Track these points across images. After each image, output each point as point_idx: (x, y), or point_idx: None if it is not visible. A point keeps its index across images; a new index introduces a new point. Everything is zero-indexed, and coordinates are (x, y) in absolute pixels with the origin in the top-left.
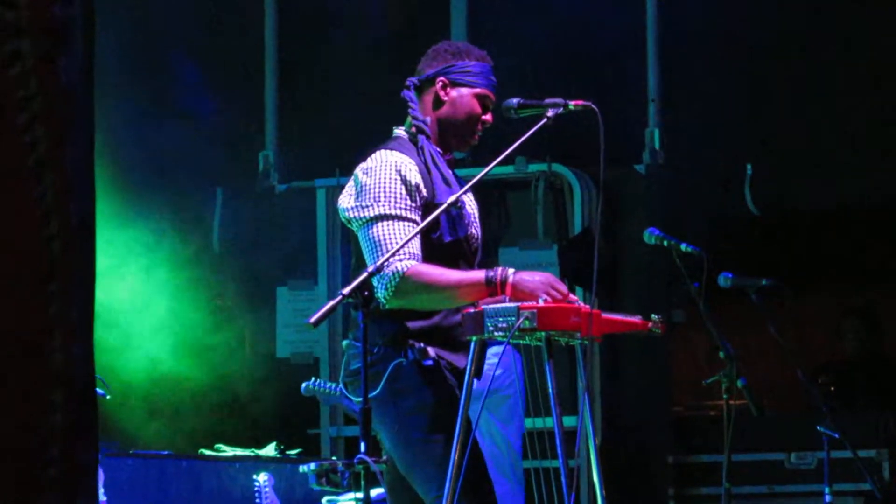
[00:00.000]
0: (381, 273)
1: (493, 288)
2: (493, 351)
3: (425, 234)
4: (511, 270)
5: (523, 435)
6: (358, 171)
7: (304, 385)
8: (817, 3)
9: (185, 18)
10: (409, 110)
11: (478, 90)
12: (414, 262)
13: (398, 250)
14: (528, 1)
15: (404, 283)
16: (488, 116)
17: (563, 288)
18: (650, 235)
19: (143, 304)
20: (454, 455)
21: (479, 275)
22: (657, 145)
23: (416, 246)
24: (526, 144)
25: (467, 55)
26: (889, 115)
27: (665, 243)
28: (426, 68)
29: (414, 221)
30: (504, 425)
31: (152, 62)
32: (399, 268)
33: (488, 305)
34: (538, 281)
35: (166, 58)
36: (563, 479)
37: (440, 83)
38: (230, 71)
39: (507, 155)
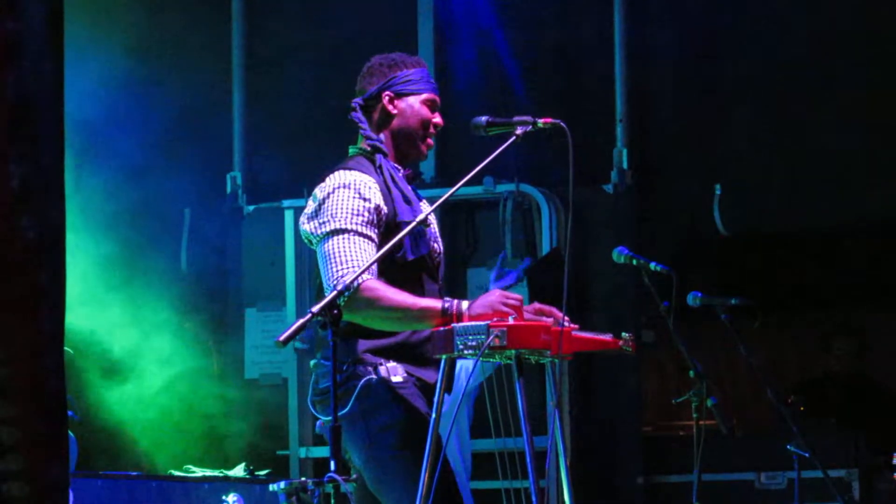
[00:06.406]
0: (334, 287)
1: (449, 319)
2: (460, 363)
3: (388, 254)
4: (465, 304)
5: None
6: (317, 190)
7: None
8: (785, 27)
9: (153, 38)
10: (361, 131)
11: (424, 95)
12: (369, 276)
13: (366, 270)
14: (496, 19)
15: (356, 296)
16: (438, 119)
17: (515, 299)
18: (619, 255)
19: (110, 326)
20: (425, 471)
21: (435, 304)
22: (625, 165)
23: (373, 266)
24: (493, 164)
25: (404, 65)
26: (859, 137)
27: (634, 262)
28: (367, 86)
29: (369, 238)
30: (458, 440)
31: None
32: (354, 281)
33: (458, 324)
34: (491, 301)
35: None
36: (533, 499)
37: (386, 97)
38: (198, 92)
39: (476, 174)
